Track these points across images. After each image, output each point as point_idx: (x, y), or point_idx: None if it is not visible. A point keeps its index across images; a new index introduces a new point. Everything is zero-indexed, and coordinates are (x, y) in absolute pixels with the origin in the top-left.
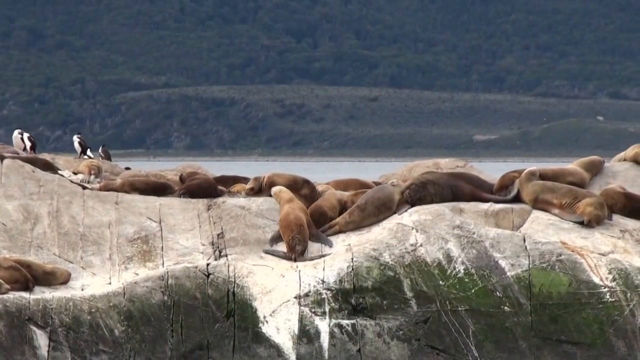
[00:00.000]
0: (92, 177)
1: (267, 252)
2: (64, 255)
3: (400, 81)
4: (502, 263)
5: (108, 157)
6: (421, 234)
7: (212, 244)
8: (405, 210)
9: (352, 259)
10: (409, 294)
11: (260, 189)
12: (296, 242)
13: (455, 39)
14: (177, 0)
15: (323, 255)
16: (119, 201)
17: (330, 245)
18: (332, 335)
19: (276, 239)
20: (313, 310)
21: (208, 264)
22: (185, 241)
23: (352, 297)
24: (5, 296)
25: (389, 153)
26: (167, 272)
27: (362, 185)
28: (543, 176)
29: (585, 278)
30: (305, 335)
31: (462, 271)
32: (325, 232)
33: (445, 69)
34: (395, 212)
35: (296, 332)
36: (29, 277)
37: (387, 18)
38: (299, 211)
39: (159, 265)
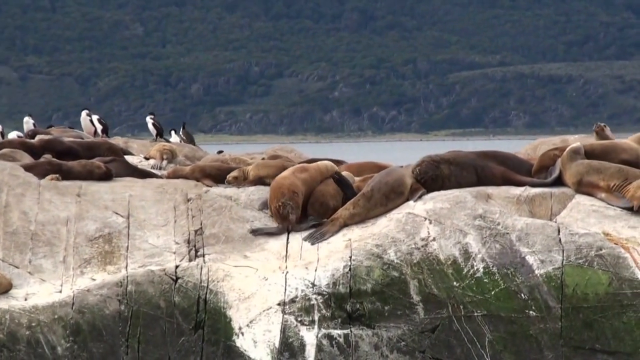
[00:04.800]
0: (165, 162)
1: (255, 232)
2: (9, 259)
3: None
4: (530, 259)
5: (190, 140)
6: (435, 225)
7: (188, 242)
8: (420, 197)
9: (350, 257)
10: (416, 298)
11: (244, 179)
12: (288, 210)
13: None
14: None
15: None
16: (82, 193)
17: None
18: (319, 348)
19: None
20: (299, 319)
21: (177, 267)
22: (155, 239)
23: (347, 302)
24: None
25: None
26: (127, 277)
27: (379, 169)
28: (590, 154)
29: (628, 276)
30: (288, 348)
31: (482, 270)
32: (326, 227)
33: None
34: (408, 199)
35: (277, 345)
36: None
37: None
38: (301, 183)
39: (122, 269)
